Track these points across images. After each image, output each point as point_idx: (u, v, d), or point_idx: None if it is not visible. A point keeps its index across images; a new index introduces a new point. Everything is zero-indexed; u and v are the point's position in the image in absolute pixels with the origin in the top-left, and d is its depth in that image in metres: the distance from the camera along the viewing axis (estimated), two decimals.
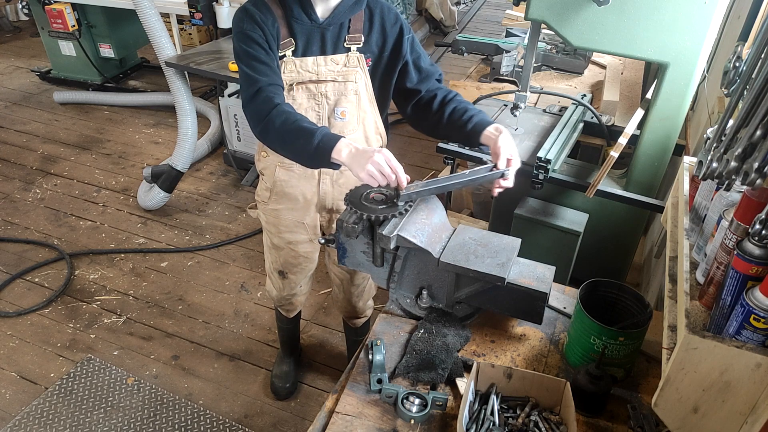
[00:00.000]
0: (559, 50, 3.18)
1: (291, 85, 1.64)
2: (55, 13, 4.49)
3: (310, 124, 1.48)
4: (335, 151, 1.42)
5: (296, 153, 1.52)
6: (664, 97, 1.88)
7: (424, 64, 1.73)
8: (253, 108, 1.54)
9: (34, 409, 2.35)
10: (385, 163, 1.38)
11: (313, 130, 1.45)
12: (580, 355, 1.37)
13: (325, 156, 1.43)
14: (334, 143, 1.43)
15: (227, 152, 3.88)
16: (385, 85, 1.74)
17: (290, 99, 1.65)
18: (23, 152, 4.19)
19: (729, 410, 0.95)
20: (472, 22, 7.25)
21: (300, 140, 1.46)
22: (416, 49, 1.72)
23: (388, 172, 1.38)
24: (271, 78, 1.55)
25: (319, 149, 1.43)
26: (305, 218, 1.89)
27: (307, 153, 1.47)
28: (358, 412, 1.28)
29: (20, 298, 2.91)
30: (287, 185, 1.82)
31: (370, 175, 1.38)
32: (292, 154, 1.53)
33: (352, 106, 1.69)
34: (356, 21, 1.64)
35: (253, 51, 1.56)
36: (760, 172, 0.86)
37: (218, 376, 2.53)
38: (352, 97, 1.68)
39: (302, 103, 1.67)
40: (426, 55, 1.76)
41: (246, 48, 1.56)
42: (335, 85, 1.66)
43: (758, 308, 0.86)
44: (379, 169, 1.37)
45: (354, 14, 1.62)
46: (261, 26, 1.56)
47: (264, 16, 1.57)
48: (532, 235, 2.18)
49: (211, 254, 3.24)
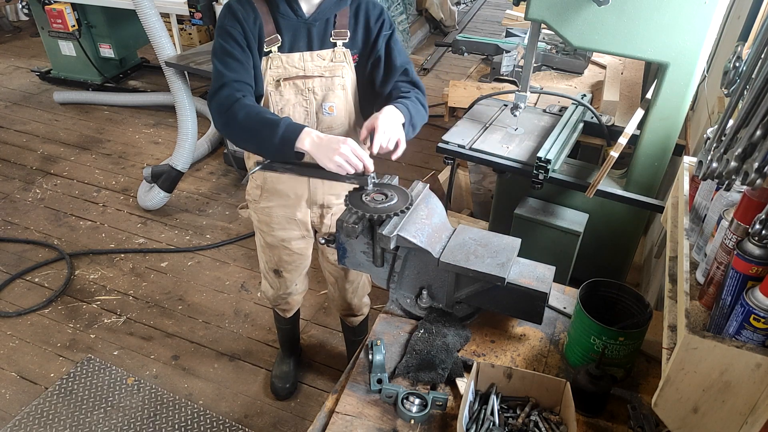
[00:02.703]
0: (559, 50, 3.18)
1: (278, 81, 1.64)
2: (55, 13, 4.49)
3: (272, 116, 1.50)
4: (299, 141, 1.45)
5: (260, 145, 1.53)
6: (664, 97, 1.88)
7: (397, 61, 1.70)
8: (215, 102, 1.56)
9: (34, 409, 2.35)
10: (352, 153, 1.43)
11: (276, 120, 1.47)
12: (580, 355, 1.37)
13: (289, 146, 1.46)
14: (298, 133, 1.45)
15: (227, 152, 3.88)
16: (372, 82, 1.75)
17: (278, 95, 1.66)
18: (23, 152, 4.19)
19: (729, 410, 0.95)
20: (472, 22, 7.25)
21: (263, 132, 1.47)
22: (391, 46, 1.70)
23: (356, 161, 1.43)
24: (240, 75, 1.57)
25: (283, 139, 1.45)
26: (296, 214, 1.90)
27: (271, 144, 1.49)
28: (358, 412, 1.28)
29: (20, 298, 2.91)
30: (278, 181, 1.82)
31: (338, 165, 1.43)
32: (256, 146, 1.55)
33: (340, 101, 1.70)
34: (342, 16, 1.65)
35: (228, 47, 1.57)
36: (760, 172, 0.86)
37: (218, 376, 2.53)
38: (339, 92, 1.69)
39: (290, 98, 1.67)
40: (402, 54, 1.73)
41: (222, 43, 1.58)
42: (322, 80, 1.67)
43: (758, 308, 0.86)
44: (346, 160, 1.43)
45: (339, 10, 1.64)
46: (241, 23, 1.57)
47: (246, 13, 1.58)
48: (532, 235, 2.18)
49: (212, 254, 3.24)
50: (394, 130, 1.54)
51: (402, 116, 1.58)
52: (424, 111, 1.70)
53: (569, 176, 2.12)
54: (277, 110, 1.68)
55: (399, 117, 1.58)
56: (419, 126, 1.68)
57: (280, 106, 1.68)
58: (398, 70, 1.71)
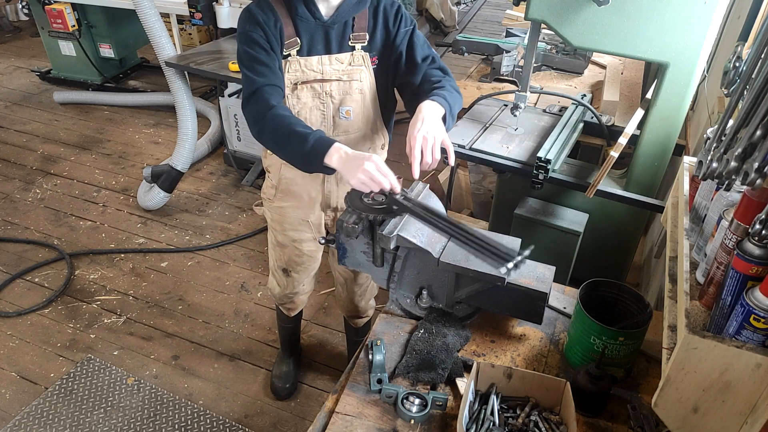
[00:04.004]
0: (559, 50, 3.18)
1: (295, 85, 1.63)
2: (55, 13, 4.49)
3: (303, 128, 1.47)
4: (327, 156, 1.42)
5: (291, 157, 1.52)
6: (664, 97, 1.88)
7: (419, 56, 1.68)
8: (250, 109, 1.54)
9: (34, 409, 2.35)
10: (376, 170, 1.37)
11: (306, 134, 1.45)
12: (580, 355, 1.37)
13: (318, 160, 1.44)
14: (326, 148, 1.42)
15: (227, 152, 3.88)
16: (392, 83, 1.73)
17: (295, 98, 1.65)
18: (23, 152, 4.19)
19: (729, 410, 0.95)
20: (472, 22, 7.25)
21: (293, 144, 1.46)
22: (413, 41, 1.68)
23: (380, 179, 1.38)
24: (269, 79, 1.55)
25: (312, 154, 1.43)
26: (310, 216, 1.89)
27: (300, 157, 1.48)
28: (358, 412, 1.28)
29: (20, 298, 2.91)
30: (292, 183, 1.82)
31: (361, 182, 1.39)
32: (287, 157, 1.54)
33: (357, 105, 1.69)
34: (360, 19, 1.63)
35: (254, 52, 1.56)
36: (760, 172, 0.86)
37: (218, 376, 2.53)
38: (357, 96, 1.68)
39: (307, 102, 1.66)
40: (424, 47, 1.70)
41: (247, 49, 1.57)
42: (340, 84, 1.65)
43: (758, 308, 0.86)
44: (370, 177, 1.37)
45: (358, 12, 1.62)
46: (262, 27, 1.56)
47: (266, 16, 1.56)
48: (532, 235, 2.18)
49: (212, 254, 3.24)
50: (434, 136, 1.46)
51: (442, 109, 1.53)
52: (460, 96, 1.65)
53: (569, 176, 2.12)
54: (294, 113, 1.65)
55: (438, 112, 1.52)
56: (457, 113, 1.63)
57: (297, 110, 1.66)
58: (425, 61, 1.68)
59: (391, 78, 1.73)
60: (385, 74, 1.71)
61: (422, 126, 1.46)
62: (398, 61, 1.69)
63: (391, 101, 1.79)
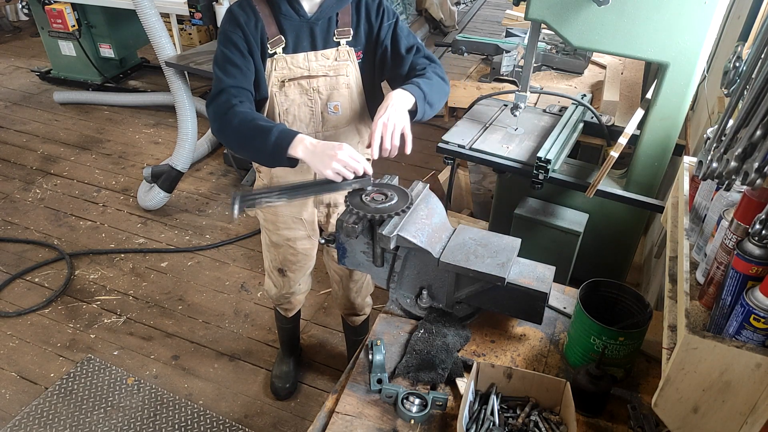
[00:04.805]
0: (559, 50, 3.18)
1: (283, 82, 1.64)
2: (55, 13, 4.49)
3: (266, 122, 1.48)
4: (291, 148, 1.44)
5: (254, 152, 1.53)
6: (664, 97, 1.88)
7: (403, 48, 1.69)
8: (212, 108, 1.56)
9: (34, 409, 2.35)
10: (350, 158, 1.41)
11: (269, 127, 1.46)
12: (580, 355, 1.37)
13: (282, 153, 1.45)
14: (290, 140, 1.44)
15: (227, 152, 3.89)
16: (379, 77, 1.75)
17: (283, 95, 1.66)
18: (23, 152, 4.19)
19: (729, 410, 0.95)
20: (472, 22, 7.24)
21: (256, 139, 1.47)
22: (397, 33, 1.69)
23: (354, 165, 1.41)
24: (239, 81, 1.56)
25: (276, 146, 1.44)
26: (303, 213, 1.90)
27: (264, 151, 1.48)
28: (358, 412, 1.28)
29: (20, 298, 2.91)
30: (284, 180, 1.82)
31: (337, 172, 1.41)
32: (250, 152, 1.55)
33: (345, 100, 1.70)
34: (344, 15, 1.65)
35: (229, 53, 1.57)
36: (760, 172, 0.86)
37: (218, 376, 2.53)
38: (344, 91, 1.69)
39: (295, 98, 1.67)
40: (409, 38, 1.71)
41: (223, 50, 1.59)
42: (327, 79, 1.67)
43: (758, 308, 0.86)
44: (345, 165, 1.40)
45: (341, 8, 1.63)
46: (242, 28, 1.57)
47: (247, 17, 1.57)
48: (532, 235, 2.18)
49: (211, 254, 3.24)
50: (394, 124, 1.50)
51: (412, 98, 1.55)
52: (443, 83, 1.66)
53: (569, 176, 2.12)
54: (283, 110, 1.68)
55: (407, 100, 1.54)
56: (439, 102, 1.64)
57: (285, 107, 1.68)
58: (410, 51, 1.69)
59: (378, 71, 1.75)
60: (371, 68, 1.73)
61: (384, 113, 1.50)
62: (384, 55, 1.70)
63: (379, 95, 1.80)
